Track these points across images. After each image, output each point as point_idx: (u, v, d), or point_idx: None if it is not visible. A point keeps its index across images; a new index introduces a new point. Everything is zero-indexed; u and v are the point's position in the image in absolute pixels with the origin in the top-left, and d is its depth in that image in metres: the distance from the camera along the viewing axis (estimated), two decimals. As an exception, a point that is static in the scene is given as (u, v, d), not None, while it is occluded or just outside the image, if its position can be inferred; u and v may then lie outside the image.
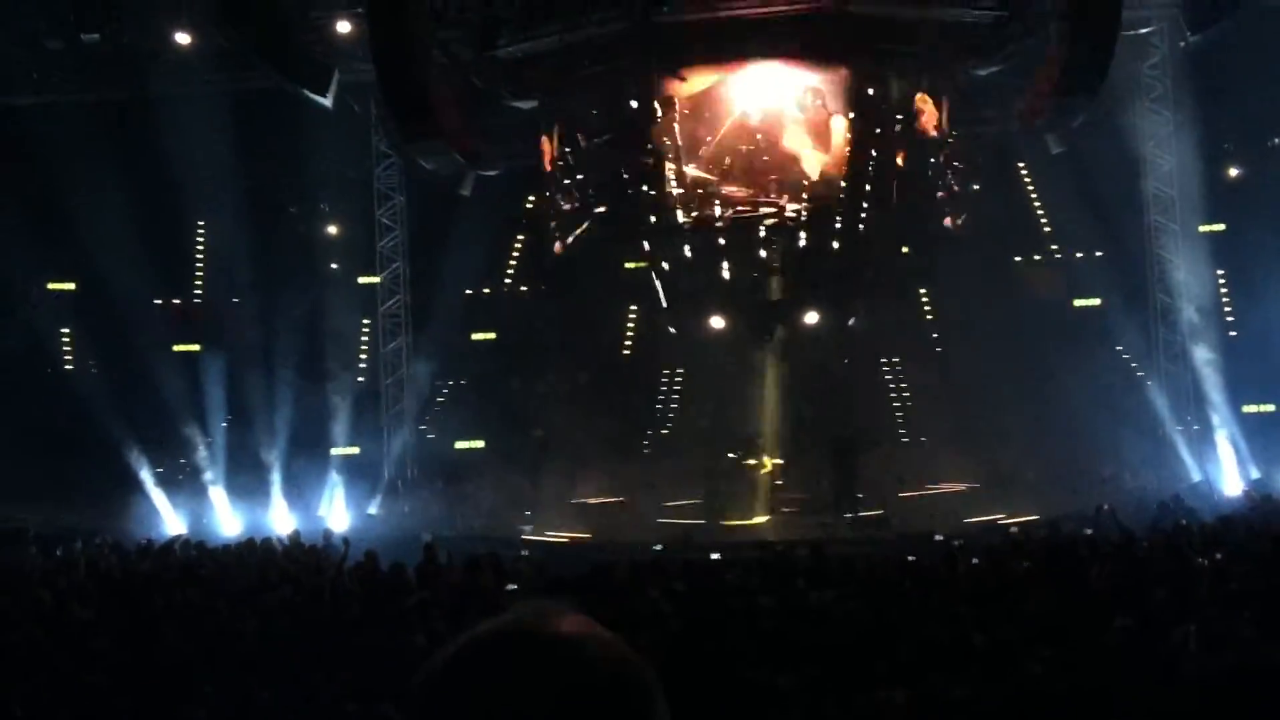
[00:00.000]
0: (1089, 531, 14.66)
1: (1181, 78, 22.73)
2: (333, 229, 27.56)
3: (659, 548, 15.89)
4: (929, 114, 21.42)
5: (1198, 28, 21.66)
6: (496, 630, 1.29)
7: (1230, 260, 24.62)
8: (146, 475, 22.75)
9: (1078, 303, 25.52)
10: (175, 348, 26.35)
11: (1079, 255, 25.53)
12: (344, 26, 22.04)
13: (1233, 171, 24.37)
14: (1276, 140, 23.42)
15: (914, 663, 7.21)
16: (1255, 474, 21.61)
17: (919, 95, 21.14)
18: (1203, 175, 23.57)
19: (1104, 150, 22.80)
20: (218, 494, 23.07)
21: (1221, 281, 25.21)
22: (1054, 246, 26.36)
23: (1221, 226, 24.82)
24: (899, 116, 21.08)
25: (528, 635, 1.27)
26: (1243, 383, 23.41)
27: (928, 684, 6.48)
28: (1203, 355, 23.10)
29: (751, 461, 21.70)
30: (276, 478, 23.23)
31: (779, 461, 22.00)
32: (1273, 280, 22.14)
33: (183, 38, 22.17)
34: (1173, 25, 22.34)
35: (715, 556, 13.27)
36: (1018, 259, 26.79)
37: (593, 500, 22.47)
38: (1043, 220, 26.98)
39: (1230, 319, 25.27)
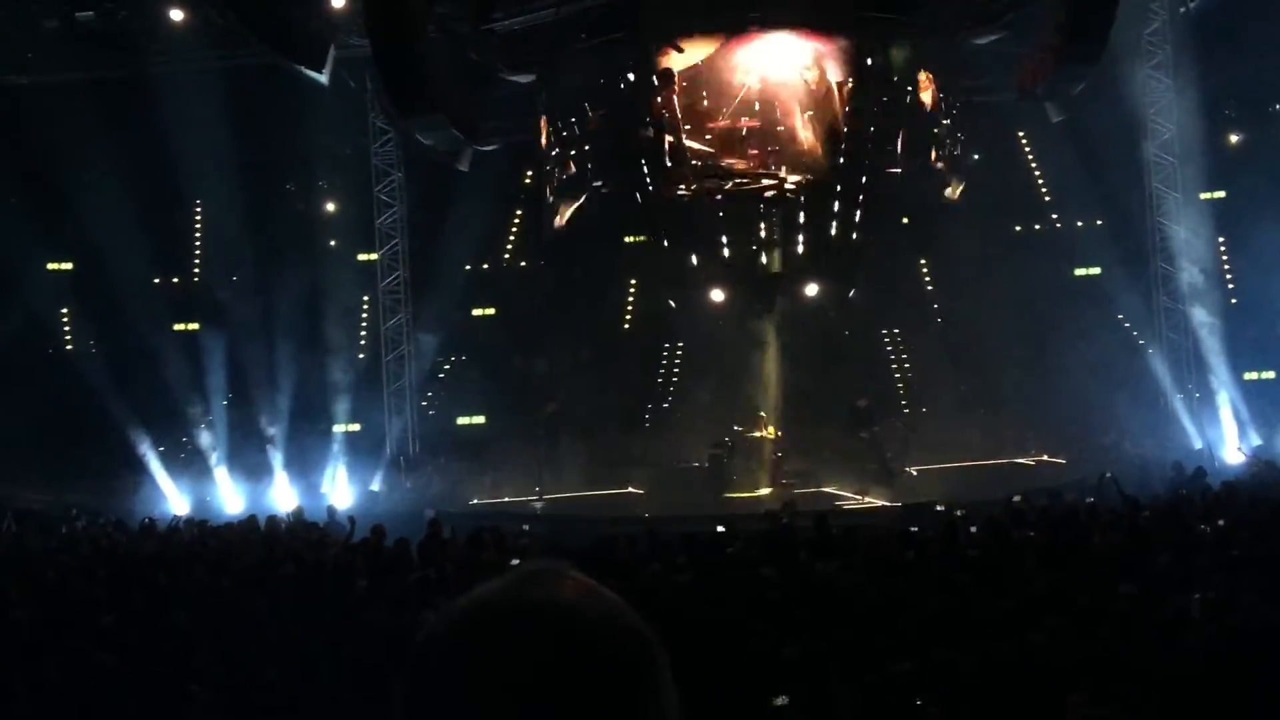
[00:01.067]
0: (1091, 500, 14.69)
1: (1182, 44, 22.57)
2: (331, 206, 27.45)
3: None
4: (929, 87, 21.33)
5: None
6: (494, 597, 1.24)
7: (1231, 227, 24.51)
8: (149, 454, 22.79)
9: (1078, 272, 25.45)
10: (175, 326, 26.34)
11: (1079, 224, 25.44)
12: (339, 1, 21.91)
13: (1234, 138, 24.25)
14: (1277, 106, 23.25)
15: (918, 633, 7.24)
16: (1256, 441, 21.63)
17: (923, 73, 21.04)
18: (1204, 142, 23.44)
19: (1104, 117, 22.70)
20: (220, 472, 23.13)
21: (1222, 249, 25.13)
22: (1054, 215, 26.26)
23: (1222, 194, 24.70)
24: (908, 88, 20.96)
25: (526, 602, 1.22)
26: (1243, 350, 23.39)
27: (932, 655, 6.50)
28: (1203, 323, 23.06)
29: (756, 433, 21.67)
30: (279, 455, 23.30)
31: (779, 433, 21.95)
32: (1273, 247, 22.04)
33: (177, 15, 22.08)
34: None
35: (720, 529, 13.25)
36: (1018, 228, 26.70)
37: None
38: (1043, 189, 26.87)
39: (1231, 286, 25.21)
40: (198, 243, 28.37)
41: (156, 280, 27.35)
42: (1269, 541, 9.21)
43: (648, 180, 20.68)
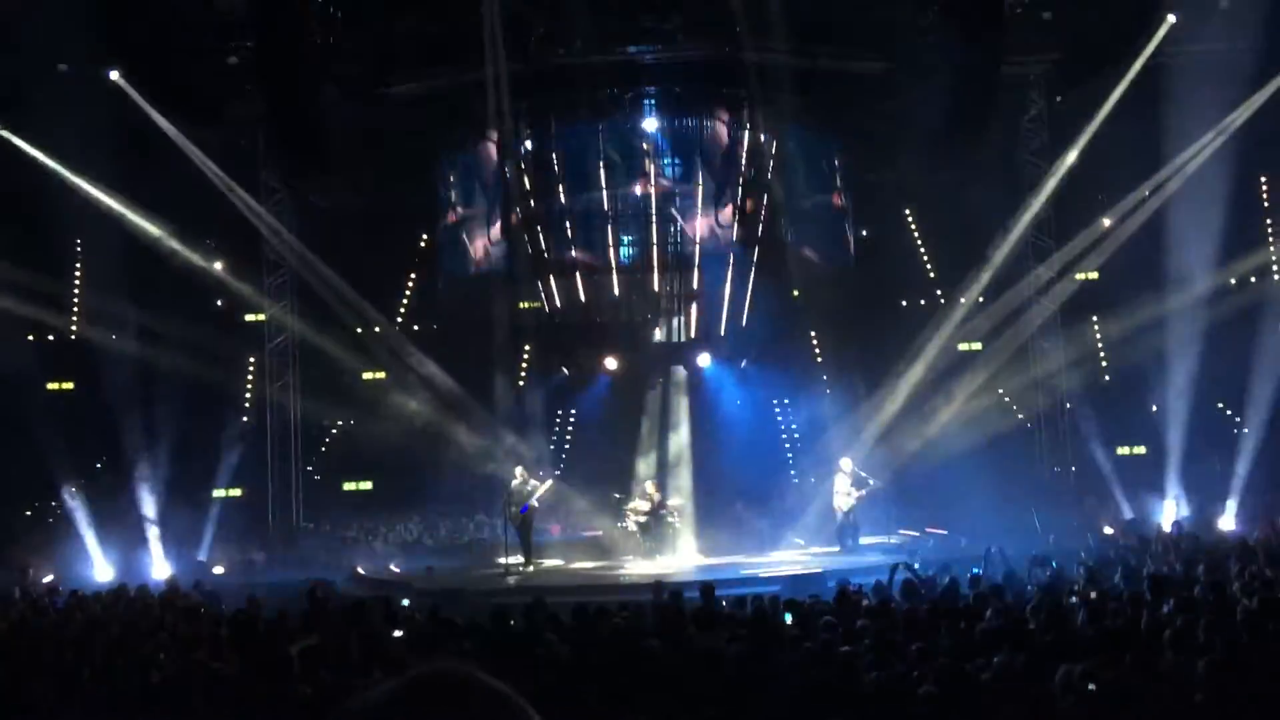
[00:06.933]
0: (977, 571, 14.94)
1: (1059, 130, 23.65)
2: (218, 264, 26.69)
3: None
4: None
5: (1069, 84, 22.75)
6: (389, 699, 1.19)
7: (1104, 306, 25.63)
8: (14, 520, 21.72)
9: (961, 346, 26.19)
10: (49, 385, 25.34)
11: (962, 300, 26.23)
12: (233, 59, 21.69)
13: (1106, 221, 25.34)
14: (1147, 193, 24.42)
15: (800, 704, 7.25)
16: (1129, 515, 22.35)
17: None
18: (1079, 225, 24.62)
19: (986, 198, 23.68)
20: (91, 539, 22.13)
21: (1096, 327, 26.25)
22: (939, 291, 27.03)
23: (1095, 274, 25.81)
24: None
25: (422, 705, 1.19)
26: (1116, 426, 24.40)
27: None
28: (1079, 400, 24.13)
29: (645, 503, 21.54)
30: (154, 521, 22.37)
31: (677, 502, 21.89)
32: (1142, 326, 23.21)
33: (63, 67, 21.65)
34: (1050, 80, 23.29)
35: (616, 599, 13.12)
36: (904, 303, 27.42)
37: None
38: (928, 265, 27.70)
39: (1105, 364, 26.30)
40: (76, 297, 27.32)
41: (30, 336, 26.21)
42: (1140, 614, 9.47)
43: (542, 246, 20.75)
